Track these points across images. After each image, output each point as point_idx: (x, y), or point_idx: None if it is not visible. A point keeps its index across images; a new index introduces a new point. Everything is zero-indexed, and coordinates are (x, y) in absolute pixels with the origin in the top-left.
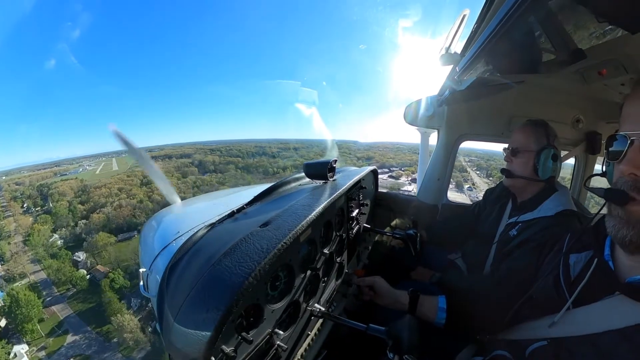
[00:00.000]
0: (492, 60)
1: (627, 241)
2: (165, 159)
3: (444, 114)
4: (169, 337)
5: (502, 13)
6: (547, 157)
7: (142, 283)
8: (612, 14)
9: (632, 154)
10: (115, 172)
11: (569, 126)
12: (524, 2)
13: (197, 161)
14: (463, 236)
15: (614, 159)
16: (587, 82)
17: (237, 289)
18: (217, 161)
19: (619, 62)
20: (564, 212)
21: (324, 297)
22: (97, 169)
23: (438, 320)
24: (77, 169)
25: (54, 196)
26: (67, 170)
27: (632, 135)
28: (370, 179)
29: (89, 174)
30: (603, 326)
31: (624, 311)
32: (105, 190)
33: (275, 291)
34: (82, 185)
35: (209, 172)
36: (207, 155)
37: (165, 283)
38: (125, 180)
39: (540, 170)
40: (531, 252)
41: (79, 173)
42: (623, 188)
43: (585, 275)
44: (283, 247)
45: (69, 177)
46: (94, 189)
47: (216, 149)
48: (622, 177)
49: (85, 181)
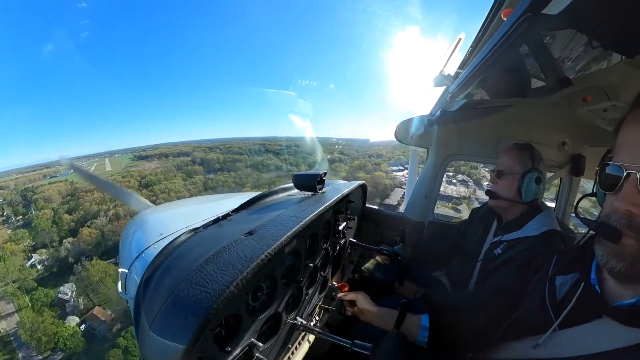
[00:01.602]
0: (483, 83)
1: (616, 272)
2: (161, 158)
3: (434, 134)
4: (144, 345)
5: (496, 39)
6: (530, 180)
7: (120, 284)
8: (609, 38)
9: (629, 190)
10: (109, 173)
11: (554, 149)
12: (517, 29)
13: (199, 159)
14: (448, 254)
15: (608, 189)
16: (573, 108)
17: (218, 297)
18: (221, 159)
19: (601, 89)
20: (549, 232)
21: (307, 311)
22: (89, 170)
23: (420, 339)
24: (67, 170)
25: (38, 202)
26: (57, 172)
27: (629, 167)
28: (359, 194)
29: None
30: (589, 349)
31: (611, 334)
32: (97, 195)
33: (256, 302)
34: (72, 189)
35: (213, 171)
36: (208, 153)
37: (142, 287)
38: (120, 182)
39: (524, 193)
40: (515, 270)
41: (69, 175)
42: (616, 225)
43: (571, 298)
44: (267, 257)
45: (58, 179)
46: (84, 193)
47: (215, 147)
48: (616, 212)
49: (76, 183)
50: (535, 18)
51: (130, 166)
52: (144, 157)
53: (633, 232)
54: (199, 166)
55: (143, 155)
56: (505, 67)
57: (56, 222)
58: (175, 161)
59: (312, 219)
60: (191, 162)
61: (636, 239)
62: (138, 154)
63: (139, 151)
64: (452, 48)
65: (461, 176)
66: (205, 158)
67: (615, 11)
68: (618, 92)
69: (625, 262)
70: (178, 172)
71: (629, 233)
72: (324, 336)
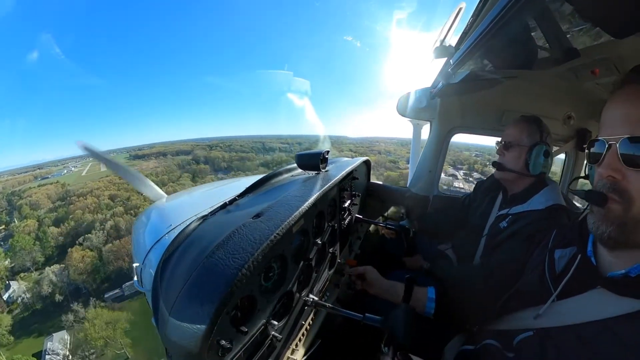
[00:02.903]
0: (486, 54)
1: (606, 237)
2: (159, 157)
3: (437, 107)
4: (164, 331)
5: (499, 8)
6: (538, 153)
7: (136, 278)
8: (598, 17)
9: (610, 158)
10: (105, 174)
11: (560, 122)
12: None
13: (202, 157)
14: (453, 227)
15: (594, 162)
16: (580, 81)
17: (231, 281)
18: (226, 157)
19: (611, 62)
20: (554, 206)
21: (317, 287)
22: (84, 171)
23: (427, 310)
24: (61, 170)
25: (23, 209)
26: (49, 173)
27: (609, 140)
28: (363, 170)
29: (74, 177)
30: (585, 317)
31: (605, 304)
32: (91, 200)
33: (268, 282)
34: (63, 192)
35: (221, 170)
36: (209, 151)
37: (158, 277)
38: (118, 183)
39: (532, 166)
40: (521, 244)
41: (62, 176)
42: (602, 190)
43: (569, 270)
44: (276, 238)
45: (50, 180)
46: (77, 197)
47: (214, 145)
48: (602, 179)
49: (69, 185)
50: None
51: (127, 165)
52: (140, 157)
53: (617, 196)
54: (204, 165)
55: (139, 155)
56: (508, 38)
57: (40, 238)
58: (176, 160)
59: (318, 198)
60: (193, 161)
61: (621, 203)
62: (134, 153)
63: (135, 150)
64: (453, 18)
65: (477, 174)
66: (208, 156)
67: None
68: (629, 66)
69: (614, 225)
70: (182, 171)
71: (613, 197)
72: (335, 311)
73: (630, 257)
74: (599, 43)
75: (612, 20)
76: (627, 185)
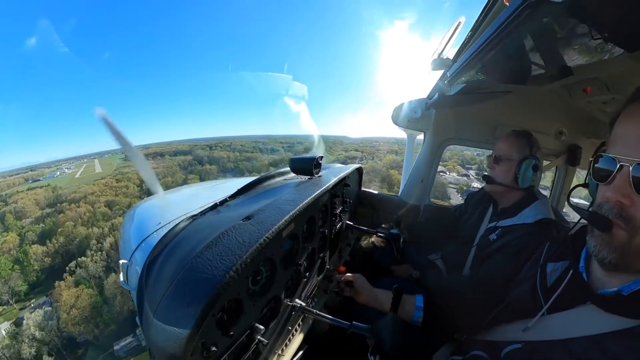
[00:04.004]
0: (483, 68)
1: (607, 262)
2: (156, 157)
3: (432, 118)
4: (148, 332)
5: (497, 24)
6: (527, 167)
7: (122, 275)
8: (611, 31)
9: (620, 181)
10: (99, 176)
11: (552, 137)
12: (519, 15)
13: (206, 157)
14: (443, 238)
15: (601, 180)
16: (572, 98)
17: (219, 283)
18: (231, 157)
19: (602, 81)
20: (543, 220)
21: (305, 293)
22: (77, 172)
23: (415, 318)
24: (53, 172)
25: (7, 219)
26: (41, 175)
27: (622, 160)
28: (355, 177)
29: (67, 179)
30: (574, 332)
31: (594, 320)
32: (85, 208)
33: (256, 286)
34: (54, 197)
35: (227, 170)
36: (211, 151)
37: (144, 276)
38: (114, 187)
39: (520, 179)
40: (510, 256)
41: (55, 178)
42: (607, 215)
43: (560, 284)
44: (265, 241)
45: (41, 183)
46: (68, 204)
47: (214, 145)
48: (608, 203)
49: (61, 189)
50: (539, 5)
51: (123, 167)
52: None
53: (623, 223)
54: (210, 166)
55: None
56: (505, 53)
57: (21, 261)
58: (175, 160)
59: (309, 203)
60: (195, 161)
61: (626, 230)
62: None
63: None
64: (452, 31)
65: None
66: (213, 156)
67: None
68: (619, 85)
69: (617, 252)
70: (184, 172)
71: (619, 223)
72: (322, 318)
73: (622, 277)
74: (590, 62)
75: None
76: (635, 213)
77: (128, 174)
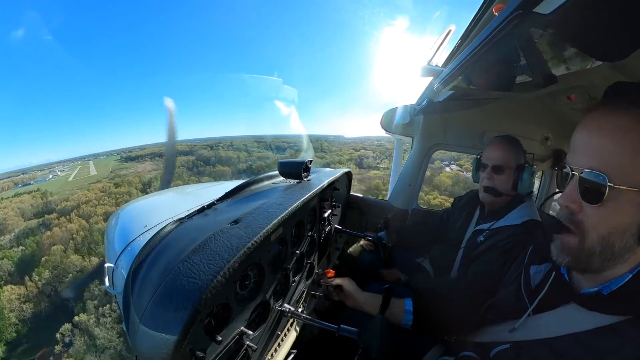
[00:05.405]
0: (471, 75)
1: (565, 266)
2: (154, 158)
3: (420, 123)
4: (135, 338)
5: (486, 33)
6: (529, 173)
7: (107, 279)
8: (592, 43)
9: (570, 189)
10: (94, 179)
11: (538, 143)
12: (507, 25)
13: (214, 157)
14: (431, 241)
15: (560, 187)
16: (557, 105)
17: (206, 287)
18: (242, 158)
19: (585, 89)
20: (530, 221)
21: (294, 297)
22: (71, 175)
23: (405, 322)
24: (46, 175)
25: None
26: (32, 179)
27: (572, 169)
28: (344, 181)
29: (59, 182)
30: (559, 331)
31: (577, 318)
32: (78, 223)
33: (244, 290)
34: (43, 204)
35: (243, 172)
36: (213, 151)
37: (130, 280)
38: (113, 193)
39: (522, 186)
40: (497, 258)
41: (47, 182)
42: (560, 219)
43: (544, 286)
44: (253, 245)
45: (30, 187)
46: (57, 218)
47: (215, 145)
48: (562, 208)
49: (52, 194)
50: (527, 16)
51: (119, 168)
52: (133, 158)
53: (574, 227)
54: (222, 167)
55: (132, 156)
56: (493, 61)
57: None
58: (177, 161)
59: (298, 207)
60: (200, 161)
61: (576, 235)
62: (126, 155)
63: (126, 152)
64: (442, 39)
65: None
66: (220, 155)
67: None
68: (600, 93)
69: (570, 256)
70: (192, 173)
71: (570, 227)
72: (311, 322)
73: (599, 277)
74: (574, 71)
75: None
76: (583, 218)
77: (127, 176)
